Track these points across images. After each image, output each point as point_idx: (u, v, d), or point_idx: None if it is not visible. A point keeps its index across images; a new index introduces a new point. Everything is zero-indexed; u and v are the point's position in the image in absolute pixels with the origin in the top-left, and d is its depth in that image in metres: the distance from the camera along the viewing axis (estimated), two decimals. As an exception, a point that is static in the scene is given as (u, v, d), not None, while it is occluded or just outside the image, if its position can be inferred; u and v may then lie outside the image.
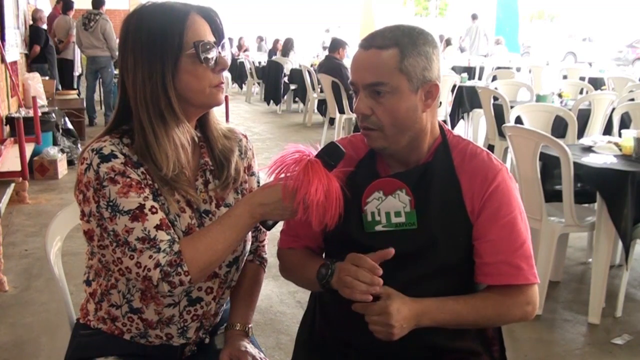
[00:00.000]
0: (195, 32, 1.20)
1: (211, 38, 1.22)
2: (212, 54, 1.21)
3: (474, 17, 13.71)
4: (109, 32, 7.93)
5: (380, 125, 1.25)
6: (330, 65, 7.02)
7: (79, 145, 6.22)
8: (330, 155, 1.20)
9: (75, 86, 8.99)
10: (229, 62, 1.27)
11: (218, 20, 1.27)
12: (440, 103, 1.59)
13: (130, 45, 1.20)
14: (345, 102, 6.87)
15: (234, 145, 1.37)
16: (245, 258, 1.40)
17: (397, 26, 1.27)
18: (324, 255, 1.44)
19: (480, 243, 1.28)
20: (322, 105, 8.46)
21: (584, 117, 4.62)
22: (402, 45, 1.22)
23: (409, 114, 1.25)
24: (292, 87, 10.06)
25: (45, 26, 8.14)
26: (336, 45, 7.25)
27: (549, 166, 2.95)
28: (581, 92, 6.20)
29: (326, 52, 8.49)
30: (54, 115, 5.92)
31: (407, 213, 1.28)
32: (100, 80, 8.37)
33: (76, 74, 9.13)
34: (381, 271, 1.17)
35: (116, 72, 8.12)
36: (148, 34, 1.18)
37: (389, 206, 1.29)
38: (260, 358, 1.33)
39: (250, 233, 1.38)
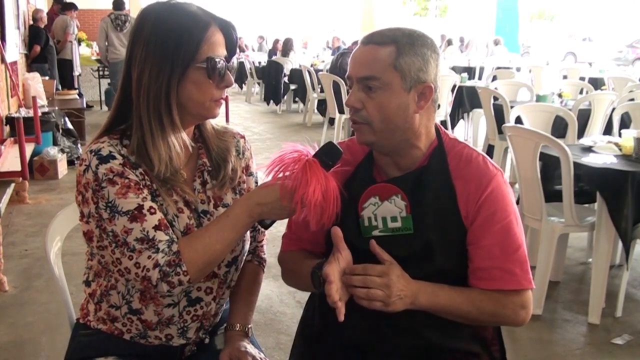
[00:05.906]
0: (211, 46, 1.20)
1: (224, 53, 1.23)
2: (221, 71, 1.21)
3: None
4: None
5: (370, 121, 1.25)
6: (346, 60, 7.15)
7: (79, 145, 6.22)
8: (328, 154, 1.20)
9: (76, 86, 8.98)
10: (233, 80, 1.27)
11: (234, 35, 1.27)
12: (439, 106, 1.61)
13: (145, 37, 1.18)
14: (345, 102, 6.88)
15: (231, 145, 1.37)
16: (244, 258, 1.40)
17: (398, 27, 1.28)
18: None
19: (474, 248, 1.28)
20: (322, 105, 8.47)
21: (584, 117, 4.62)
22: (399, 43, 1.23)
23: (398, 112, 1.25)
24: (292, 87, 10.06)
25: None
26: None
27: (549, 166, 2.95)
28: (581, 92, 6.20)
29: (328, 52, 8.55)
30: (54, 115, 5.93)
31: (403, 218, 1.28)
32: None
33: (75, 73, 9.11)
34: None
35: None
36: (166, 32, 1.18)
37: (385, 211, 1.29)
38: (260, 358, 1.33)
39: (248, 233, 1.38)
